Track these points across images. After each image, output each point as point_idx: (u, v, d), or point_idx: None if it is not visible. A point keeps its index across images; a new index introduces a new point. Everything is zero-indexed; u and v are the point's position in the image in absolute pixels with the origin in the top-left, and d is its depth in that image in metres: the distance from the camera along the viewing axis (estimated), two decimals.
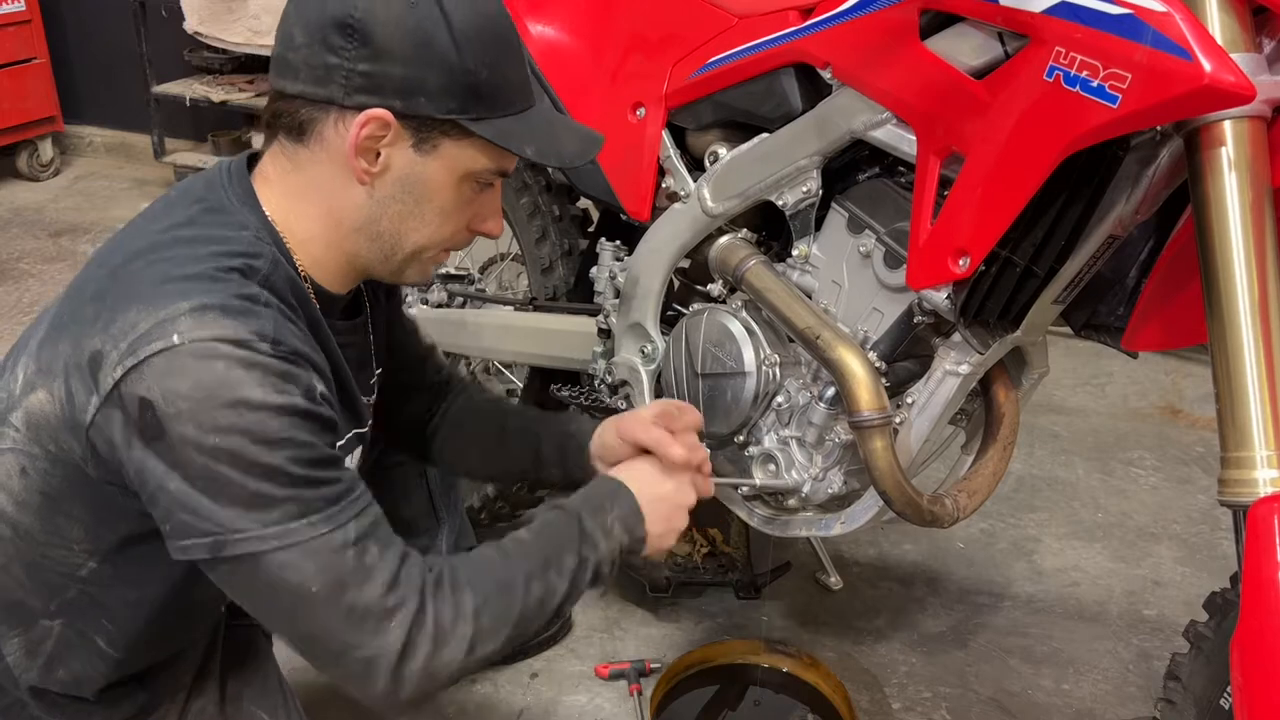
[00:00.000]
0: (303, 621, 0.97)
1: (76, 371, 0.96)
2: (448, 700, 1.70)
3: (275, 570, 0.94)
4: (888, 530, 2.17)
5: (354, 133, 0.99)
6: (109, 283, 0.99)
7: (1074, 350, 2.92)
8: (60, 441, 0.99)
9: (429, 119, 1.00)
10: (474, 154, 1.04)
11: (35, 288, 3.16)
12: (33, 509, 1.03)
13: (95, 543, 1.04)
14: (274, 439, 0.92)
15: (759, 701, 1.73)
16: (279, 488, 0.93)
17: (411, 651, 0.98)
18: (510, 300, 1.99)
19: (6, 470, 1.04)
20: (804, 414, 1.44)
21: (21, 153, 4.01)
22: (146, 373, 0.91)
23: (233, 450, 0.91)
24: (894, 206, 1.32)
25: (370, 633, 0.97)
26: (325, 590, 0.95)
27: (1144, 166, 1.13)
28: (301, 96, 1.01)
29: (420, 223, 1.07)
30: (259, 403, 0.92)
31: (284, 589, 0.95)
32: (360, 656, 0.97)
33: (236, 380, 0.92)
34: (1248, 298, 0.99)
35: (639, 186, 1.60)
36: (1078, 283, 1.27)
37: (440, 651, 0.99)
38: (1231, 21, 0.98)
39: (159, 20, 3.68)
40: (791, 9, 1.39)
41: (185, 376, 0.91)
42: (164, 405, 0.91)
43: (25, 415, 1.01)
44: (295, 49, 1.02)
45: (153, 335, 0.92)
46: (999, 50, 1.13)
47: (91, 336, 0.96)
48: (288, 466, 0.93)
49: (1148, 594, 2.03)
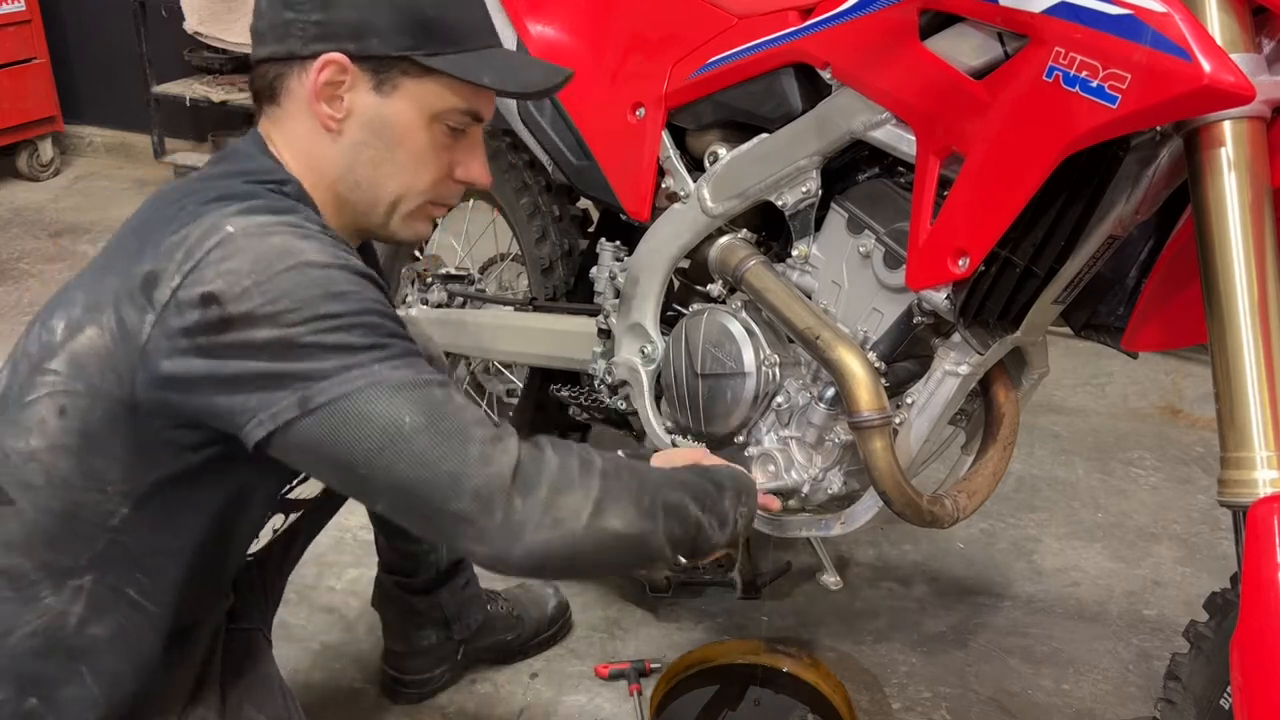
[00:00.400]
0: (400, 462, 0.93)
1: (128, 298, 0.97)
2: (448, 700, 1.70)
3: (365, 408, 0.92)
4: (888, 530, 2.17)
5: (312, 79, 1.03)
6: (149, 222, 1.02)
7: (1074, 350, 2.92)
8: (107, 373, 0.99)
9: (384, 58, 1.03)
10: (438, 91, 1.06)
11: (35, 288, 3.16)
12: (70, 451, 1.02)
13: (131, 484, 1.03)
14: (344, 292, 0.94)
15: (759, 701, 1.73)
16: (358, 337, 0.94)
17: (528, 481, 0.95)
18: (510, 300, 1.99)
19: (41, 415, 1.02)
20: (804, 414, 1.44)
21: (21, 153, 4.01)
22: (205, 268, 0.93)
23: (305, 308, 0.92)
24: (894, 207, 1.32)
25: (476, 459, 0.94)
26: (420, 419, 0.93)
27: (1144, 167, 1.13)
28: (270, 59, 1.06)
29: (395, 168, 1.08)
30: (323, 263, 0.94)
31: (376, 427, 0.92)
32: (470, 487, 0.93)
33: (296, 248, 0.94)
34: (1248, 298, 0.99)
35: (639, 186, 1.60)
36: (1078, 283, 1.27)
37: (563, 494, 0.96)
38: (1231, 22, 0.98)
39: (159, 20, 3.68)
40: (791, 9, 1.39)
41: (244, 255, 0.93)
42: (228, 290, 0.92)
43: (69, 356, 1.01)
44: (261, 16, 1.07)
45: (206, 236, 0.94)
46: (999, 50, 1.13)
47: (140, 263, 0.97)
48: (363, 317, 0.94)
49: (1148, 594, 2.03)
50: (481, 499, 0.94)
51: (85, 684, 1.07)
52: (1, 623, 1.05)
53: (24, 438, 1.03)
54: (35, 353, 1.05)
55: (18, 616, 1.05)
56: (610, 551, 1.01)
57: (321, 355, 0.92)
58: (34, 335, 1.07)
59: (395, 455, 0.93)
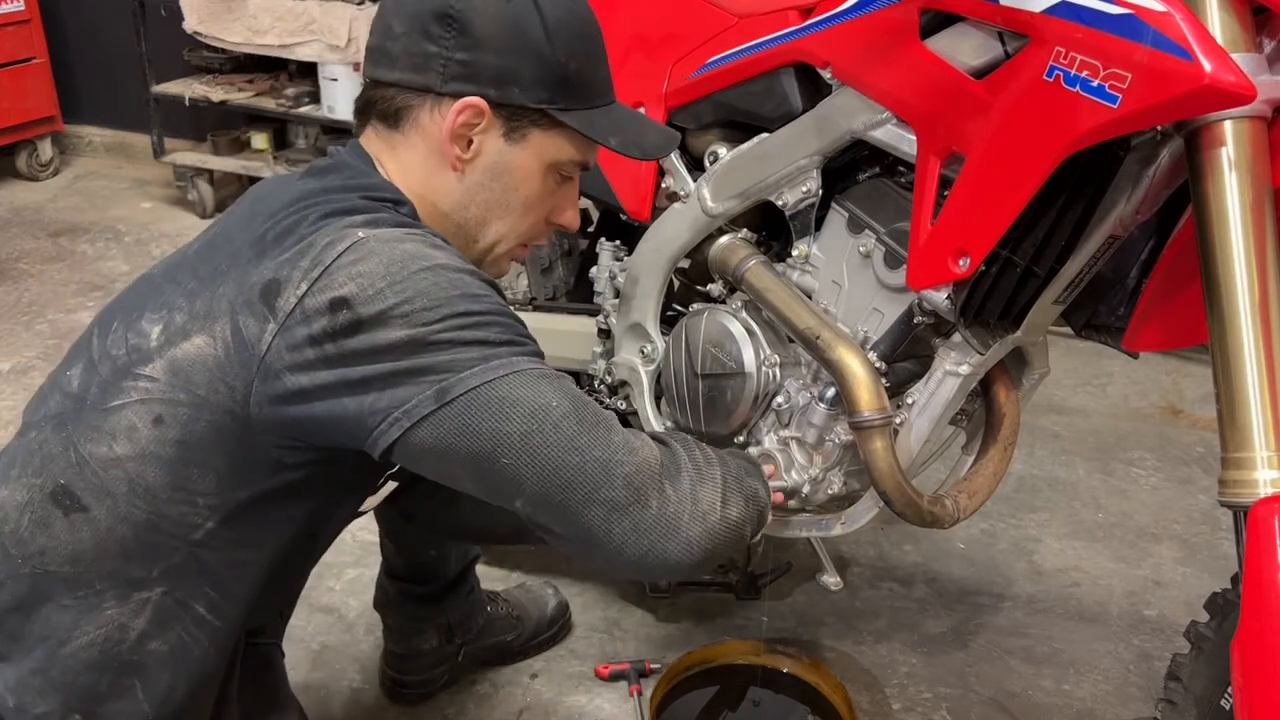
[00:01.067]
0: (549, 446, 0.91)
1: (246, 307, 0.95)
2: (448, 700, 1.70)
3: (510, 392, 0.91)
4: (888, 530, 2.17)
5: (450, 119, 1.04)
6: (264, 230, 0.99)
7: (1074, 350, 2.92)
8: (217, 384, 0.97)
9: (521, 108, 1.05)
10: (560, 144, 1.09)
11: (35, 288, 3.16)
12: (162, 461, 0.99)
13: (222, 497, 1.00)
14: (478, 294, 0.94)
15: (759, 701, 1.73)
16: (495, 333, 0.93)
17: (671, 470, 0.95)
18: (510, 300, 1.99)
19: (131, 422, 0.99)
20: (804, 414, 1.43)
21: (21, 153, 4.01)
22: (336, 273, 0.92)
23: (441, 307, 0.92)
24: (894, 206, 1.32)
25: (622, 446, 0.93)
26: (565, 406, 0.93)
27: (1144, 166, 1.13)
28: (398, 84, 1.05)
29: (505, 211, 1.11)
30: (456, 267, 0.95)
31: (523, 410, 0.91)
32: (621, 474, 0.92)
33: (428, 254, 0.94)
34: (1248, 298, 0.98)
35: (639, 186, 1.60)
36: (1078, 283, 1.27)
37: (701, 484, 0.97)
38: (1232, 21, 0.98)
39: (159, 20, 3.68)
40: (791, 9, 1.39)
41: (377, 258, 0.92)
42: (360, 293, 0.91)
43: (169, 364, 0.98)
44: (394, 38, 1.05)
45: (335, 244, 0.94)
46: (999, 50, 1.13)
47: (260, 271, 0.96)
48: (498, 317, 0.94)
49: (1148, 594, 2.03)
50: (634, 487, 0.93)
51: (137, 699, 1.04)
52: (58, 631, 1.01)
53: (107, 443, 1.00)
54: (121, 356, 1.01)
55: (76, 626, 1.01)
56: (730, 544, 1.01)
57: (459, 349, 0.92)
58: (116, 336, 1.03)
59: (543, 440, 0.92)
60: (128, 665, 1.03)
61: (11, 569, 1.02)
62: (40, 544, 1.01)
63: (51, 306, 3.04)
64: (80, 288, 3.17)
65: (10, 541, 1.02)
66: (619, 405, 1.71)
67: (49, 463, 1.02)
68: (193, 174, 3.74)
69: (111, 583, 1.01)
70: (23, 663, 1.02)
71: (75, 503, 1.00)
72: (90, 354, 1.05)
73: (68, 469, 1.01)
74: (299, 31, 3.34)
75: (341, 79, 3.39)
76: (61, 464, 1.02)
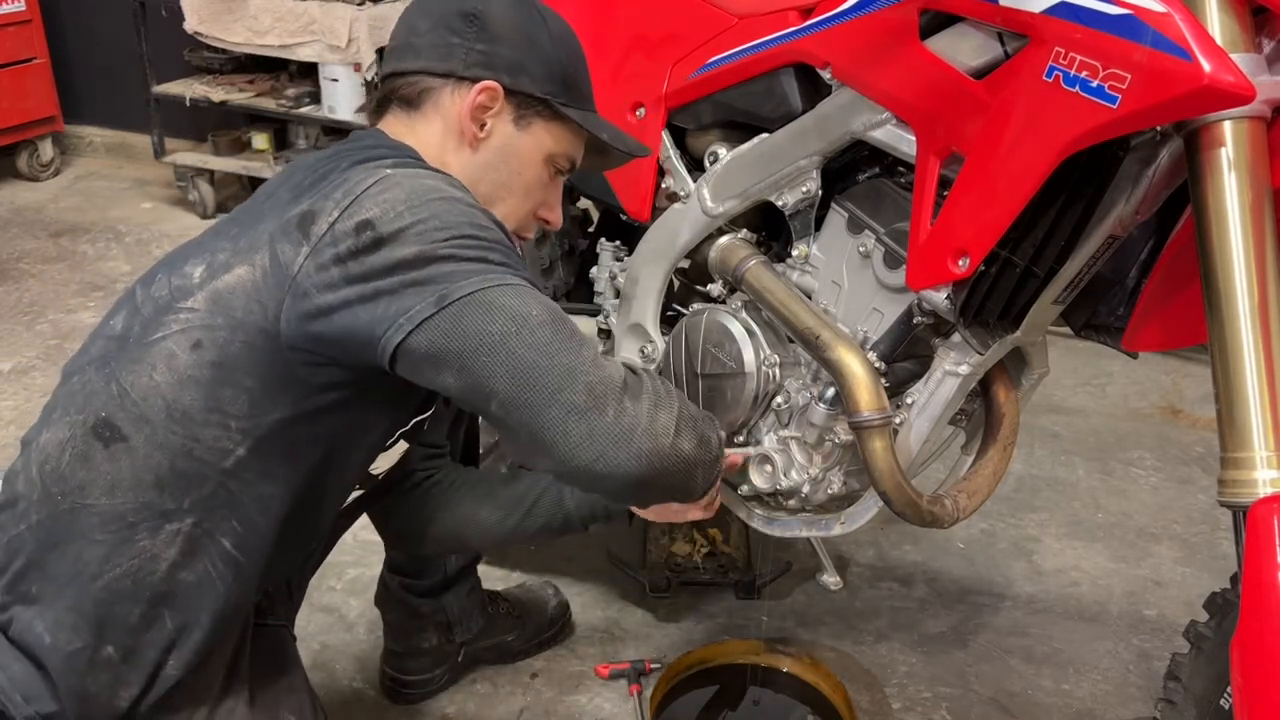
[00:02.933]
0: (523, 347, 0.99)
1: (284, 236, 1.05)
2: (447, 700, 1.70)
3: (497, 299, 1.00)
4: (888, 530, 2.17)
5: (471, 98, 1.17)
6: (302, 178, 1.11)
7: (1074, 350, 2.92)
8: (252, 304, 1.05)
9: (530, 96, 1.20)
10: (559, 136, 1.23)
11: (35, 288, 3.16)
12: (198, 384, 1.06)
13: (253, 421, 1.07)
14: (486, 224, 1.06)
15: (759, 701, 1.73)
16: (497, 256, 1.04)
17: (635, 389, 1.02)
18: None
19: (170, 350, 1.07)
20: (804, 414, 1.43)
21: (21, 153, 4.01)
22: (364, 200, 1.03)
23: (451, 229, 1.02)
24: (894, 206, 1.32)
25: (590, 360, 1.01)
26: (545, 315, 1.02)
27: (1144, 167, 1.13)
28: (423, 71, 1.19)
29: (508, 193, 1.22)
30: (470, 202, 1.07)
31: (506, 314, 1.00)
32: (584, 381, 0.99)
33: (446, 191, 1.05)
34: (1248, 298, 0.99)
35: (639, 186, 1.60)
36: (1078, 283, 1.27)
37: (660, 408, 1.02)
38: (1231, 22, 0.98)
39: (159, 20, 3.68)
40: (791, 9, 1.39)
41: (401, 188, 1.03)
42: (383, 215, 1.01)
43: (211, 294, 1.07)
44: (419, 35, 1.20)
45: (367, 178, 1.05)
46: (999, 50, 1.13)
47: (299, 206, 1.06)
48: (499, 245, 1.05)
49: (1148, 594, 2.03)
50: (595, 394, 0.99)
51: (165, 628, 1.10)
52: (90, 566, 1.07)
53: (147, 373, 1.07)
54: (164, 296, 1.10)
55: (108, 560, 1.07)
56: (678, 475, 1.05)
57: (461, 264, 1.01)
58: (159, 283, 1.12)
59: (519, 341, 0.99)
60: (159, 595, 1.09)
61: (51, 508, 1.08)
62: (80, 478, 1.08)
63: (52, 306, 3.04)
64: (81, 288, 3.17)
65: (51, 480, 1.09)
66: None
67: (91, 399, 1.09)
68: (193, 174, 3.74)
69: (146, 514, 1.07)
70: (57, 600, 1.08)
71: (116, 433, 1.07)
72: (134, 302, 1.14)
73: (109, 401, 1.08)
74: (299, 32, 3.34)
75: (342, 79, 3.39)
76: (103, 397, 1.09)
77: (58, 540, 1.08)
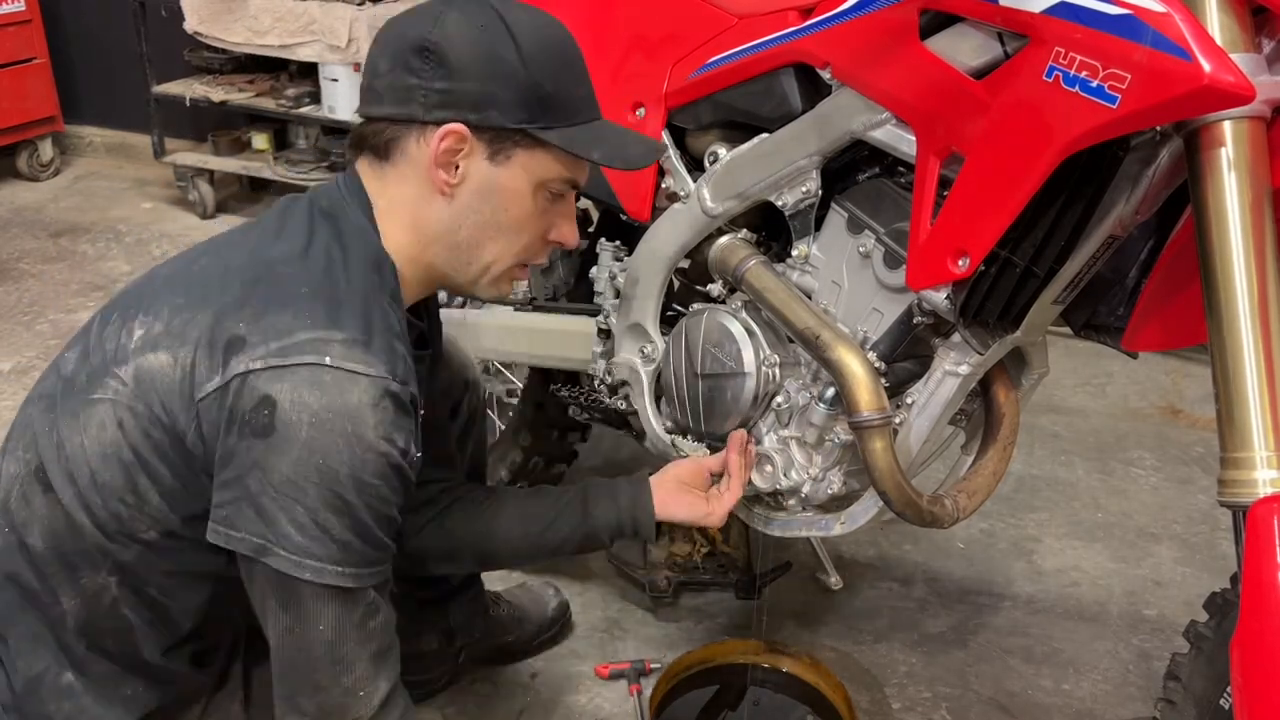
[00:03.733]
0: (295, 647, 1.04)
1: (208, 348, 1.02)
2: (447, 700, 1.70)
3: (296, 593, 1.02)
4: (888, 530, 2.17)
5: (434, 146, 1.08)
6: (261, 275, 1.06)
7: (1074, 350, 2.92)
8: (168, 408, 1.04)
9: (501, 129, 1.09)
10: (546, 162, 1.13)
11: (35, 288, 3.16)
12: (122, 464, 1.06)
13: (167, 514, 1.07)
14: (365, 481, 1.00)
15: (759, 701, 1.73)
16: (341, 527, 1.00)
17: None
18: (510, 300, 1.99)
19: (101, 421, 1.07)
20: (804, 414, 1.43)
21: (21, 153, 4.01)
22: (286, 376, 0.98)
23: (326, 473, 0.98)
24: (894, 206, 1.32)
25: (342, 690, 1.06)
26: (329, 634, 1.04)
27: (1144, 167, 1.13)
28: (386, 118, 1.11)
29: (497, 231, 1.15)
30: (370, 444, 0.99)
31: (294, 612, 1.03)
32: (320, 703, 1.06)
33: (361, 418, 0.99)
34: (1248, 298, 0.99)
35: (639, 186, 1.60)
36: (1078, 283, 1.27)
37: None
38: (1231, 22, 0.98)
39: (159, 20, 3.68)
40: (791, 9, 1.39)
41: (322, 394, 0.98)
42: (288, 410, 0.97)
43: (136, 371, 1.05)
44: (379, 76, 1.11)
45: (305, 348, 0.99)
46: (999, 50, 1.13)
47: (236, 321, 1.02)
48: (360, 511, 1.01)
49: (1148, 594, 2.03)
50: (323, 714, 1.07)
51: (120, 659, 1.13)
52: (44, 594, 1.10)
53: (79, 435, 1.07)
54: (110, 351, 1.08)
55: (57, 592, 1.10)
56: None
57: (301, 524, 0.99)
58: (111, 329, 1.10)
59: (294, 642, 1.05)
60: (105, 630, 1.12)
61: (5, 538, 1.12)
62: (24, 516, 1.10)
63: (52, 306, 3.04)
64: (81, 288, 3.17)
65: (3, 509, 1.12)
66: (619, 405, 1.71)
67: (36, 439, 1.11)
68: (193, 174, 3.74)
69: (82, 558, 1.10)
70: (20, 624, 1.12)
71: (49, 484, 1.09)
72: (88, 341, 1.12)
73: (47, 449, 1.09)
74: (299, 32, 3.34)
75: (342, 79, 3.39)
76: (44, 442, 1.10)
77: (14, 568, 1.11)
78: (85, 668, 1.12)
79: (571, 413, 1.90)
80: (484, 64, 1.08)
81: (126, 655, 1.14)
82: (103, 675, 1.13)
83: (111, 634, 1.12)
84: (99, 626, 1.12)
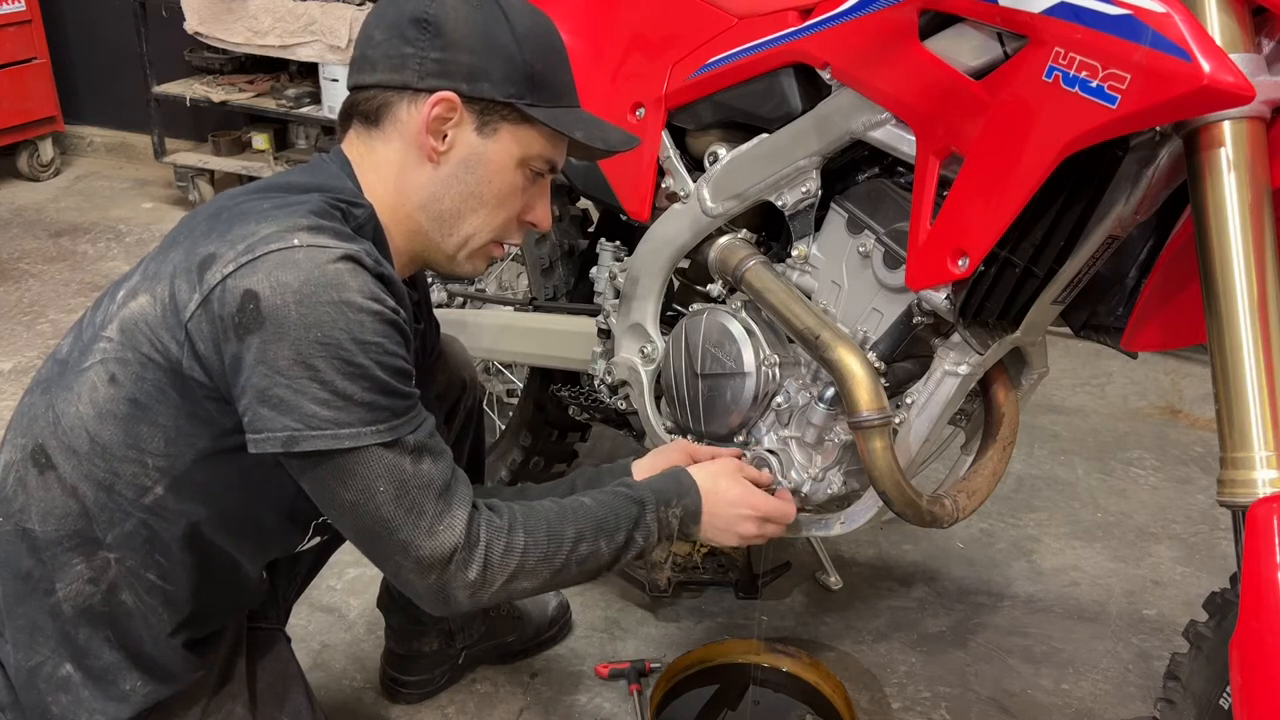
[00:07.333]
0: (367, 516, 1.05)
1: (184, 274, 1.04)
2: (447, 700, 1.70)
3: (344, 466, 1.02)
4: (888, 530, 2.17)
5: (425, 112, 1.11)
6: (224, 210, 1.08)
7: (1074, 350, 2.92)
8: (156, 342, 1.05)
9: (491, 102, 1.13)
10: (530, 138, 1.16)
11: (35, 288, 3.16)
12: (117, 419, 1.07)
13: (171, 457, 1.08)
14: (368, 341, 1.01)
15: (759, 701, 1.73)
16: (361, 389, 1.01)
17: (462, 563, 1.08)
18: (510, 300, 1.99)
19: (93, 382, 1.08)
20: (803, 414, 1.44)
21: (22, 153, 4.02)
22: (260, 266, 0.99)
23: (329, 344, 0.99)
24: (893, 207, 1.32)
25: (425, 533, 1.06)
26: (389, 489, 1.04)
27: (1143, 167, 1.13)
28: (379, 85, 1.14)
29: (479, 204, 1.17)
30: (360, 305, 1.01)
31: (352, 484, 1.03)
32: (416, 555, 1.06)
33: (343, 283, 1.00)
34: (1247, 298, 0.99)
35: (639, 187, 1.60)
36: (1077, 283, 1.27)
37: (487, 572, 1.10)
38: (1231, 22, 0.98)
39: (159, 20, 3.68)
40: (791, 9, 1.39)
41: (298, 271, 0.99)
42: (270, 296, 0.98)
43: (121, 323, 1.07)
44: (374, 46, 1.14)
45: (272, 239, 1.01)
46: (998, 51, 1.13)
47: (206, 244, 1.04)
48: (373, 370, 1.01)
49: (1147, 594, 2.04)
50: (423, 566, 1.07)
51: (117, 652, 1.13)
52: (42, 583, 1.11)
53: (74, 404, 1.09)
54: (99, 320, 1.11)
55: (54, 580, 1.11)
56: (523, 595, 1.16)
57: (320, 398, 1.00)
58: (102, 306, 1.13)
59: (363, 513, 1.05)
60: (102, 617, 1.12)
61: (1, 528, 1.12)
62: (20, 502, 1.11)
63: (52, 306, 3.04)
64: (81, 288, 3.17)
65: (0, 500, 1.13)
66: (619, 405, 1.72)
67: (33, 423, 1.12)
68: (194, 174, 3.74)
69: (78, 540, 1.10)
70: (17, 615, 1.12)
71: (48, 461, 1.10)
72: (81, 324, 1.15)
73: (45, 428, 1.11)
74: (300, 32, 3.34)
75: (342, 79, 3.38)
76: (42, 423, 1.11)
77: (10, 558, 1.12)
78: (84, 659, 1.12)
79: (571, 413, 1.90)
80: (479, 38, 1.11)
81: (125, 644, 1.14)
82: (102, 667, 1.13)
83: (110, 621, 1.12)
84: (97, 613, 1.12)
